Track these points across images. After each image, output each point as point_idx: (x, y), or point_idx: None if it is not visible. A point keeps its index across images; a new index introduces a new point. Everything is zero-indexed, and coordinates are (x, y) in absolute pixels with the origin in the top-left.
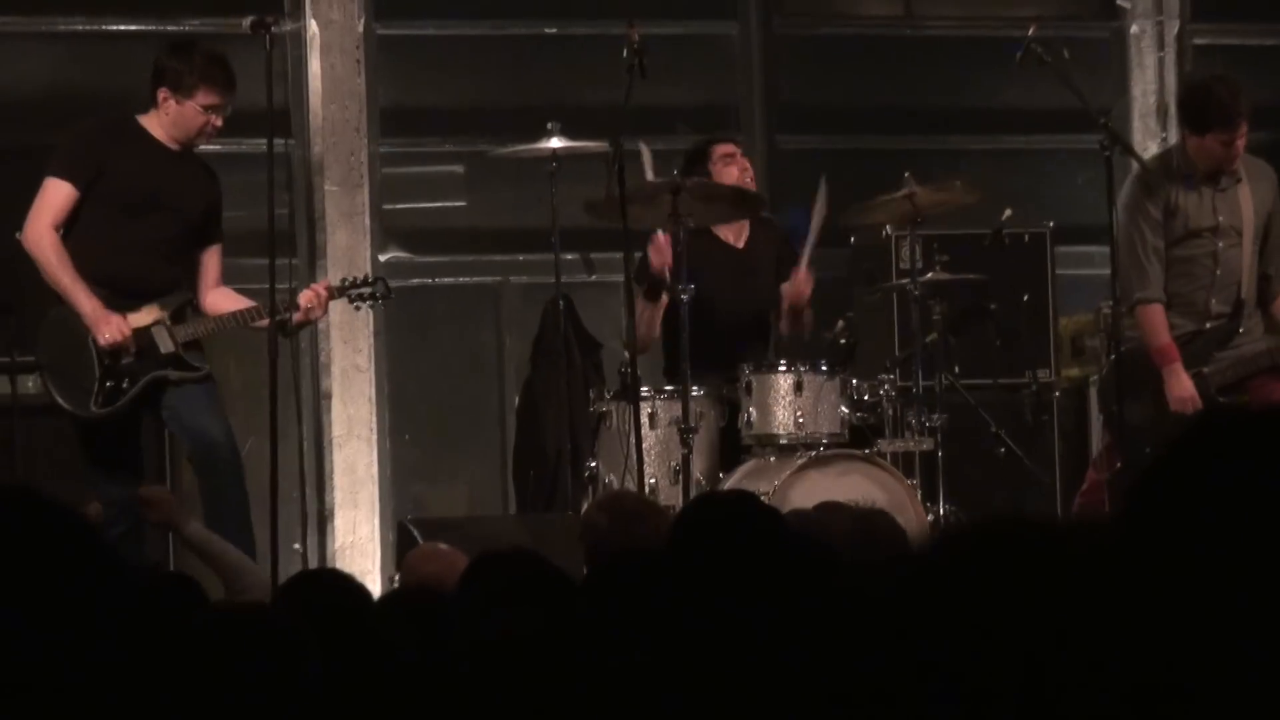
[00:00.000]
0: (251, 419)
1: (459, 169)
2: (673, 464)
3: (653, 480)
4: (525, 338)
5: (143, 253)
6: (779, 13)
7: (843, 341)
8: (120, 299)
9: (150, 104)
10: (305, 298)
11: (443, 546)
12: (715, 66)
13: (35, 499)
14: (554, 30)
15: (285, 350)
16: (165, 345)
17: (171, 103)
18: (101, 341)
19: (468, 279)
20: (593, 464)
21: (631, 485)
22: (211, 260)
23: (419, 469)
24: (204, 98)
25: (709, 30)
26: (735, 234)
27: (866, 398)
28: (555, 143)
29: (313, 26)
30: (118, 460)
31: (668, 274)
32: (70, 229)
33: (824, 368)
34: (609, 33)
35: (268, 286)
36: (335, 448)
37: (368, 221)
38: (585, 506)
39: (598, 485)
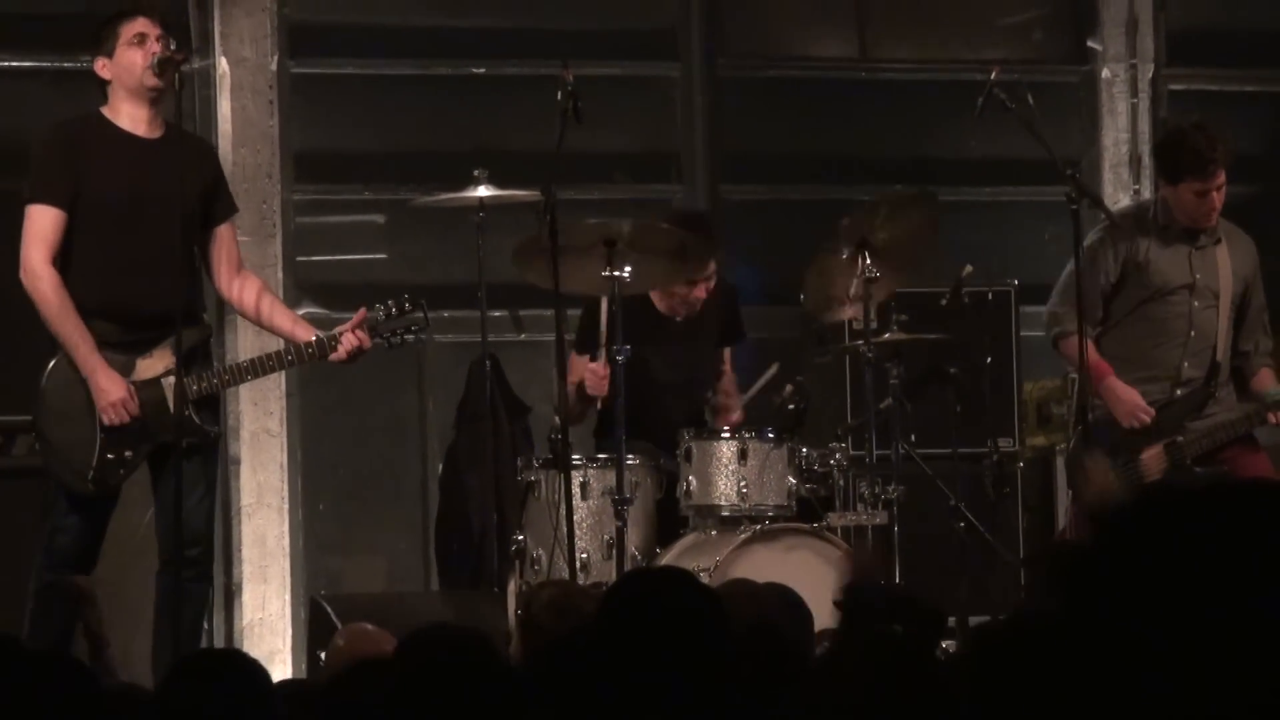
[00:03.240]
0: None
1: (379, 218)
2: (606, 537)
3: (584, 555)
4: (449, 400)
5: (145, 269)
6: (723, 53)
7: (791, 406)
8: (128, 330)
9: (103, 97)
10: (348, 342)
11: (369, 627)
12: (655, 110)
13: None
14: (482, 70)
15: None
16: (174, 404)
17: (108, 64)
18: (106, 421)
19: (384, 347)
20: (520, 537)
21: (561, 560)
22: (224, 241)
23: (334, 541)
24: (126, 33)
25: (649, 71)
26: (671, 306)
27: (816, 467)
28: (482, 191)
29: (223, 64)
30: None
31: (600, 404)
32: (64, 256)
33: (770, 434)
34: (541, 73)
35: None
36: (244, 517)
37: (280, 275)
38: (512, 583)
39: (525, 559)
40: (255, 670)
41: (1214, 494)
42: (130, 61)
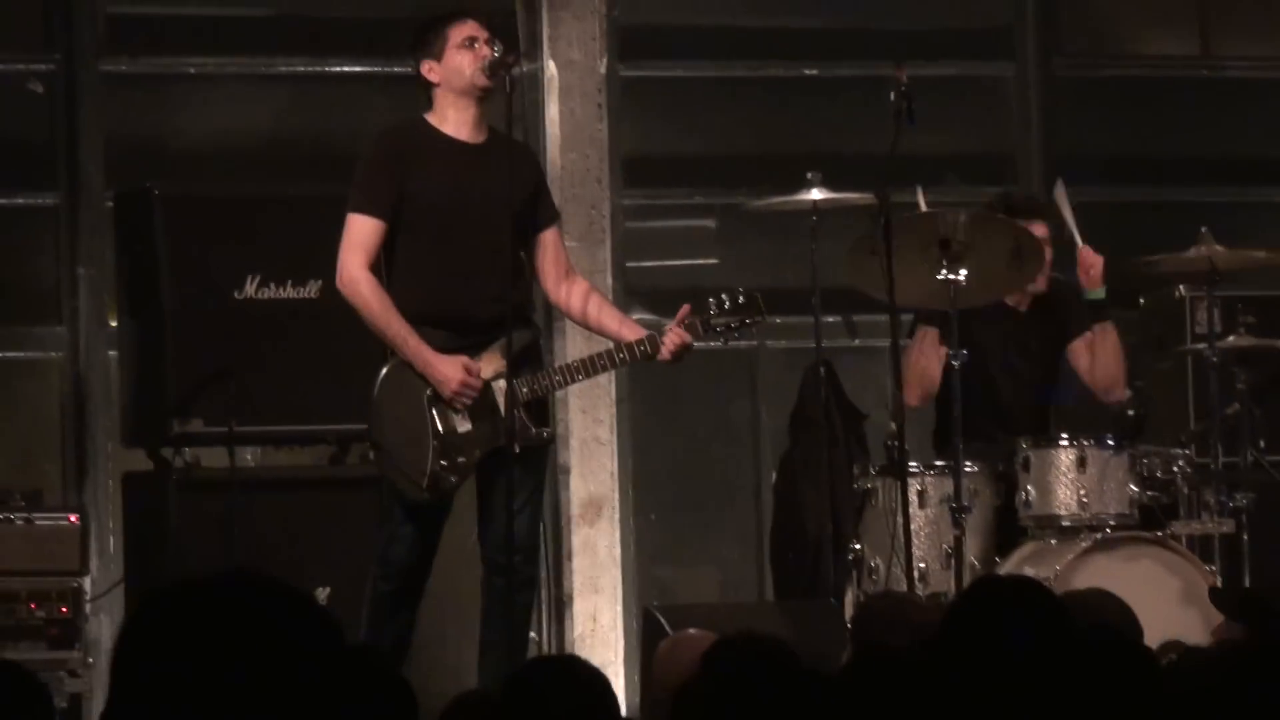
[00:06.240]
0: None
1: (710, 223)
2: (944, 546)
3: (922, 564)
4: (783, 407)
5: (472, 274)
6: (1060, 52)
7: (1131, 412)
8: (456, 336)
9: (428, 101)
10: (672, 340)
11: (693, 632)
12: (990, 111)
13: (260, 582)
14: (814, 72)
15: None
16: (507, 408)
17: (436, 68)
18: (458, 406)
19: (719, 343)
20: (856, 546)
21: (899, 569)
22: (550, 246)
23: (666, 551)
24: (454, 36)
25: (983, 71)
26: (1016, 295)
27: (1158, 475)
28: (815, 194)
29: (551, 68)
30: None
31: (910, 391)
32: (390, 263)
33: (1110, 442)
34: (874, 74)
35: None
36: (574, 527)
37: (610, 280)
38: (849, 593)
39: (862, 569)
40: (596, 678)
41: None
42: (459, 65)
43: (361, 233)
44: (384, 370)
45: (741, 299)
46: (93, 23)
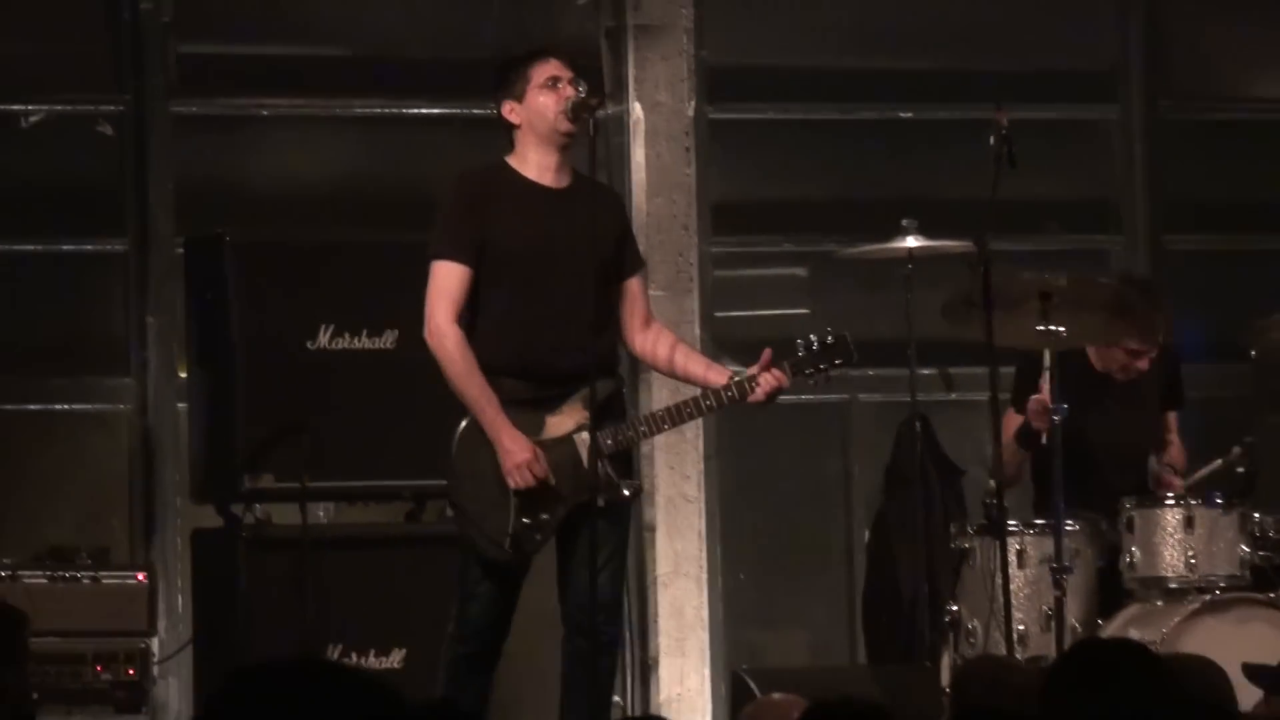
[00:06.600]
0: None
1: (801, 271)
2: (1044, 608)
3: (1021, 627)
4: (876, 463)
5: (555, 324)
6: (1166, 95)
7: (1241, 470)
8: (538, 387)
9: (510, 143)
10: (767, 382)
11: (779, 696)
12: (1092, 155)
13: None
14: (910, 114)
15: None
16: (590, 461)
17: (517, 109)
18: (510, 484)
19: (811, 397)
20: (953, 607)
21: (997, 632)
22: (634, 295)
23: (755, 612)
24: (537, 76)
25: (1086, 115)
26: (1113, 364)
27: (1271, 534)
28: (911, 241)
29: (637, 110)
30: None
31: (1046, 438)
32: (471, 312)
33: (1219, 500)
34: (973, 117)
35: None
36: (660, 587)
37: (697, 330)
38: (945, 657)
39: (959, 631)
40: None
41: None
42: (542, 106)
43: (448, 281)
44: (462, 425)
45: (830, 340)
46: (163, 62)
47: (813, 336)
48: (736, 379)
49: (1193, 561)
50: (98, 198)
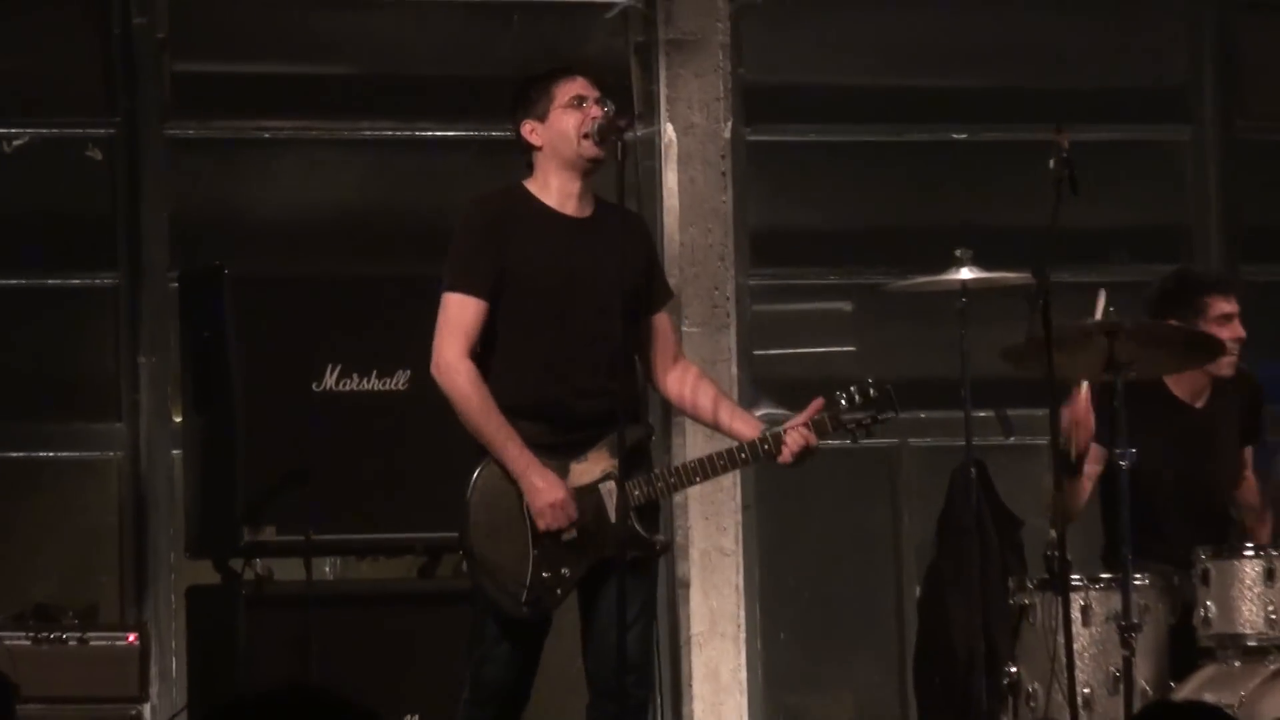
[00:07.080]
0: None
1: (846, 305)
2: (1111, 669)
3: (1086, 689)
4: (928, 512)
5: (578, 363)
6: (1242, 114)
7: None
8: (560, 432)
9: (529, 167)
10: (795, 440)
11: None
12: (1163, 179)
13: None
14: (963, 136)
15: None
16: (619, 513)
17: (539, 129)
18: (541, 526)
19: (850, 443)
20: (1012, 669)
21: (1060, 695)
22: (661, 331)
23: (797, 674)
24: (561, 95)
25: (1155, 135)
26: (1192, 390)
27: None
28: (965, 273)
29: (669, 132)
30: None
31: (1076, 445)
32: (486, 350)
33: None
34: (1031, 139)
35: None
36: (695, 647)
37: (734, 370)
38: None
39: (1019, 694)
40: None
41: None
42: (565, 126)
43: (460, 314)
44: (478, 470)
45: (873, 392)
46: (158, 82)
47: (853, 388)
48: (772, 431)
49: (1274, 618)
50: (86, 228)
